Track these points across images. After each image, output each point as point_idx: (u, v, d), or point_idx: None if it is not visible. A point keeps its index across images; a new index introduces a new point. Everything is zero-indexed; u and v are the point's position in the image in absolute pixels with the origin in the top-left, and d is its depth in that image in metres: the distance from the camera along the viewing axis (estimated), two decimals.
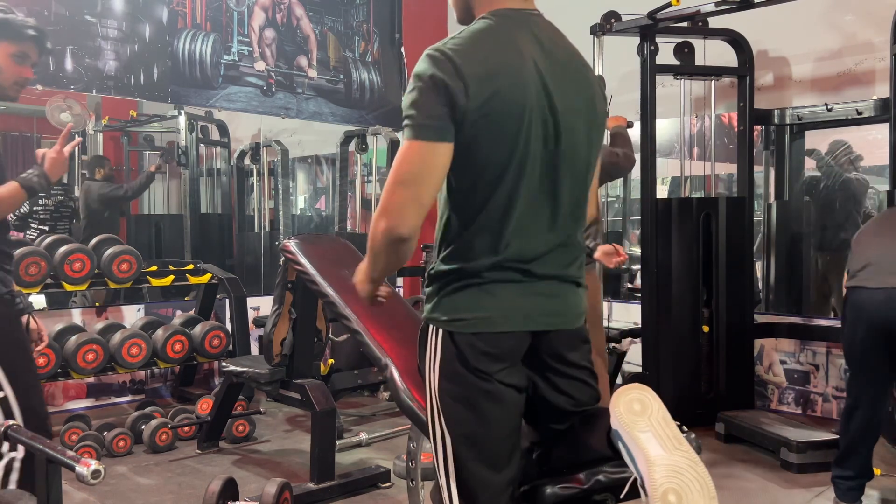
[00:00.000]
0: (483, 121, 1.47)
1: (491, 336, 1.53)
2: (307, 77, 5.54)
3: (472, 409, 1.55)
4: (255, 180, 6.88)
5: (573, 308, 1.65)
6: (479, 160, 1.51)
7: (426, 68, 1.47)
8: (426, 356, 1.61)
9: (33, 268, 3.94)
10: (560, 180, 1.57)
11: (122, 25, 4.68)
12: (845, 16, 4.59)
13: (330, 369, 4.52)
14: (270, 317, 3.55)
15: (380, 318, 2.45)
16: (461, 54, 1.48)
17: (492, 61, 1.49)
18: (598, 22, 4.38)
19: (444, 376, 1.57)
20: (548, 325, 1.59)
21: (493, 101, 1.47)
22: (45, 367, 3.92)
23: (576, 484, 1.64)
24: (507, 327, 1.54)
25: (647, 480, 1.40)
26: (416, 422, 1.84)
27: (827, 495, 3.27)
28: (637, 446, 1.45)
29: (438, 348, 1.57)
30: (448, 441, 1.58)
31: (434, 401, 1.60)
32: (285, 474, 3.42)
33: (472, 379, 1.54)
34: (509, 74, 1.50)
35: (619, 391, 1.53)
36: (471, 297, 1.55)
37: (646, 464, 1.41)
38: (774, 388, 4.69)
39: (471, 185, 1.54)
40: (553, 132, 1.54)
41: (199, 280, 4.80)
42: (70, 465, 1.72)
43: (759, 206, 4.91)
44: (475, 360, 1.53)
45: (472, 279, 1.55)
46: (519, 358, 1.59)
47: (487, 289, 1.55)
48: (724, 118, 5.08)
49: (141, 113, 6.64)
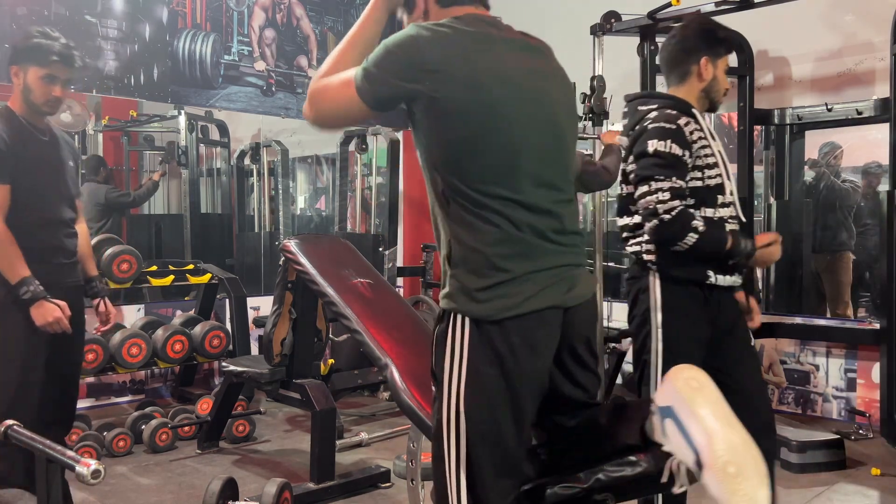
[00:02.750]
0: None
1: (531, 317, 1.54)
2: (307, 77, 5.55)
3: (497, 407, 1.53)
4: (255, 180, 6.88)
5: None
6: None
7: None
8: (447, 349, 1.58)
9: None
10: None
11: (122, 25, 4.68)
12: (845, 16, 4.59)
13: (330, 369, 4.52)
14: (270, 317, 3.55)
15: (380, 318, 2.45)
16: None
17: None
18: (598, 22, 4.38)
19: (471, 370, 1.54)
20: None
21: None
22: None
23: (576, 484, 1.64)
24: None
25: (708, 452, 1.39)
26: (417, 422, 1.84)
27: (827, 495, 3.27)
28: (696, 420, 1.43)
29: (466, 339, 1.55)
30: (464, 441, 1.54)
31: (455, 398, 1.55)
32: (285, 474, 3.42)
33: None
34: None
35: (676, 369, 1.50)
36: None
37: (706, 436, 1.40)
38: (774, 388, 4.69)
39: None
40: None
41: (199, 280, 4.80)
42: (70, 465, 1.72)
43: (759, 206, 4.91)
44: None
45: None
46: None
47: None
48: (724, 118, 5.08)
49: (141, 113, 6.63)
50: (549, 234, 1.57)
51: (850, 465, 3.62)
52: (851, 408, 4.42)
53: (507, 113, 1.54)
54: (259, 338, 4.01)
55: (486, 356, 1.52)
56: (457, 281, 1.55)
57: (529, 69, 1.62)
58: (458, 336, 1.54)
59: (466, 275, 1.54)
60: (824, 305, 5.06)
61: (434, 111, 1.53)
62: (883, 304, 3.97)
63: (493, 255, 1.52)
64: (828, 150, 4.98)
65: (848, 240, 5.04)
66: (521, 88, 1.58)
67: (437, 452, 1.59)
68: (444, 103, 1.51)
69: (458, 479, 1.55)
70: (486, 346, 1.52)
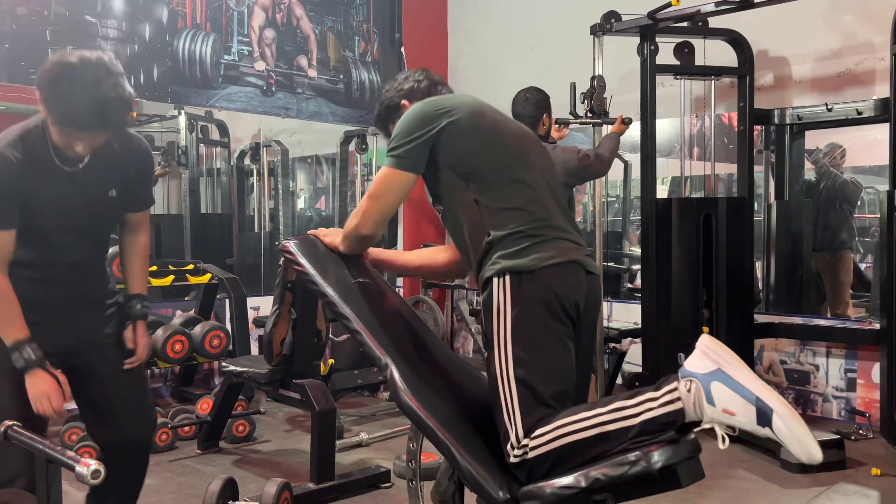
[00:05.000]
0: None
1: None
2: (307, 77, 5.55)
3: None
4: (255, 180, 6.88)
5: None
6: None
7: None
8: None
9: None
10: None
11: (122, 25, 4.68)
12: (845, 16, 4.59)
13: (330, 369, 4.52)
14: (270, 317, 3.54)
15: (380, 319, 2.44)
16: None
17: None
18: (598, 22, 4.38)
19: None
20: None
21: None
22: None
23: (576, 484, 1.64)
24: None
25: (773, 398, 1.55)
26: (416, 422, 1.84)
27: (827, 495, 3.27)
28: (749, 376, 1.59)
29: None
30: (512, 370, 1.78)
31: (504, 340, 1.81)
32: (285, 474, 3.41)
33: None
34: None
35: (706, 338, 1.67)
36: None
37: (763, 388, 1.57)
38: (774, 388, 4.69)
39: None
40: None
41: (199, 280, 4.80)
42: (70, 465, 1.72)
43: (759, 206, 4.91)
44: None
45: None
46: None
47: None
48: (724, 118, 5.08)
49: (141, 113, 6.62)
50: (561, 214, 1.95)
51: (850, 465, 3.62)
52: (851, 408, 4.42)
53: (503, 129, 2.00)
54: (259, 338, 4.01)
55: (528, 301, 1.79)
56: (498, 252, 1.86)
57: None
58: (501, 292, 1.82)
59: (506, 248, 1.85)
60: (824, 305, 5.06)
61: (455, 131, 1.92)
62: (883, 305, 3.97)
63: (526, 229, 1.86)
64: (828, 149, 4.98)
65: (849, 238, 5.04)
66: (508, 121, 2.09)
67: (494, 394, 1.79)
68: (461, 122, 1.92)
69: (512, 401, 1.75)
70: (528, 292, 1.80)
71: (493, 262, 1.85)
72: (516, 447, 1.73)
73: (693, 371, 1.61)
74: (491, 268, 1.85)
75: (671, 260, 4.32)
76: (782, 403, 1.54)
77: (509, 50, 6.08)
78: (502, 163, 1.93)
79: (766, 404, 1.54)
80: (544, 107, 3.93)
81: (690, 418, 1.59)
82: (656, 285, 4.33)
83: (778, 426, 1.52)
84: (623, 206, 5.84)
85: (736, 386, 1.56)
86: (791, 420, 1.52)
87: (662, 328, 4.33)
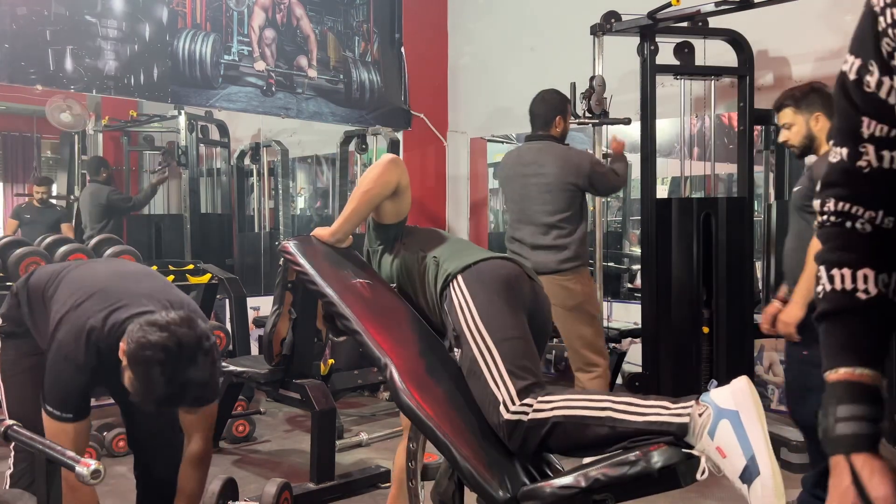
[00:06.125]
0: None
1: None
2: (307, 77, 5.54)
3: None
4: (255, 180, 6.88)
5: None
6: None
7: None
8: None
9: (33, 267, 3.94)
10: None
11: (122, 25, 4.68)
12: (845, 16, 4.59)
13: (330, 369, 4.52)
14: (270, 317, 3.54)
15: (380, 318, 2.44)
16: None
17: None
18: (598, 22, 4.38)
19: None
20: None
21: None
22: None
23: (576, 484, 1.65)
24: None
25: (767, 460, 1.55)
26: (416, 422, 1.84)
27: None
28: (759, 431, 1.57)
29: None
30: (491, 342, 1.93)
31: (474, 324, 2.01)
32: (285, 474, 3.41)
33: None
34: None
35: (744, 379, 1.63)
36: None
37: (764, 449, 1.55)
38: (774, 388, 4.69)
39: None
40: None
41: (199, 280, 4.80)
42: (70, 465, 1.72)
43: (759, 206, 4.91)
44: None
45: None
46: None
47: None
48: (724, 118, 5.08)
49: (141, 113, 6.63)
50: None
51: None
52: None
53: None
54: (259, 338, 4.01)
55: (483, 288, 2.00)
56: (443, 264, 2.12)
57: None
58: (459, 292, 2.02)
59: (446, 257, 2.15)
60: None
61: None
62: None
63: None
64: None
65: None
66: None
67: (476, 374, 1.90)
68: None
69: (497, 365, 1.86)
70: (480, 281, 2.02)
71: (443, 272, 2.09)
72: (513, 405, 1.80)
73: (713, 401, 1.63)
74: (442, 277, 2.08)
75: (671, 260, 4.32)
76: (772, 473, 1.54)
77: (509, 50, 6.08)
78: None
79: (756, 466, 1.54)
80: (558, 109, 3.93)
81: (688, 439, 1.61)
82: (656, 285, 4.33)
83: (756, 491, 1.53)
84: (623, 206, 5.84)
85: (741, 434, 1.57)
86: (772, 493, 1.52)
87: (662, 328, 4.33)
